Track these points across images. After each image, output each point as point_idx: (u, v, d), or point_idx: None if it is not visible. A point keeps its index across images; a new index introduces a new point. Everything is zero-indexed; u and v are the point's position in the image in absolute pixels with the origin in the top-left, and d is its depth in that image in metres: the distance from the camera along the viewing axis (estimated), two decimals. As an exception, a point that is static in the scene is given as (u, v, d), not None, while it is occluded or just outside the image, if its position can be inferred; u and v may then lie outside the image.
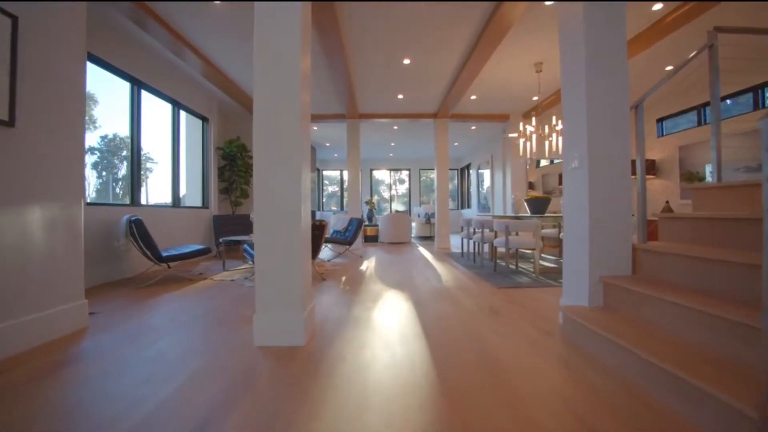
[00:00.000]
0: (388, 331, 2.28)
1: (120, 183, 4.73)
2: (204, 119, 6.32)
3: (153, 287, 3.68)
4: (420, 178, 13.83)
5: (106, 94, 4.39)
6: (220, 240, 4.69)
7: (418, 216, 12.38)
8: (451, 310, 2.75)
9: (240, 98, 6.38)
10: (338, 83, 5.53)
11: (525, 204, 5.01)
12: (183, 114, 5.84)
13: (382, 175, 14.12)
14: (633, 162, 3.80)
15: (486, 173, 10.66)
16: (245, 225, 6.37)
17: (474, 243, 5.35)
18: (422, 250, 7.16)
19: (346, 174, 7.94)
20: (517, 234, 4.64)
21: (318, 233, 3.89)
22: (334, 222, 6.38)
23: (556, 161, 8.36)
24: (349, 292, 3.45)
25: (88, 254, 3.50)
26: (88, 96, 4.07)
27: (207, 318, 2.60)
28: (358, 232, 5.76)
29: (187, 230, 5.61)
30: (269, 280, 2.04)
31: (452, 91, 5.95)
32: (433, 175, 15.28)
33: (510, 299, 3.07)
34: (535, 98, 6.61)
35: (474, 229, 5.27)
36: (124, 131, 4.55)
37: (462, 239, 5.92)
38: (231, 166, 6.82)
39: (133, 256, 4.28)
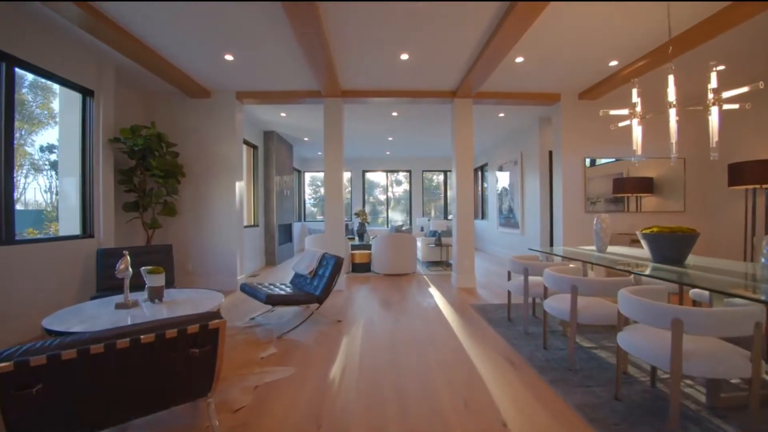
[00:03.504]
0: None
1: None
2: (86, 93, 3.89)
3: None
4: (423, 181, 11.44)
5: None
6: (43, 324, 2.26)
7: (422, 230, 10.04)
8: None
9: (154, 65, 3.99)
10: (302, 31, 3.13)
11: (643, 241, 2.65)
12: (33, 79, 3.44)
13: (377, 177, 11.72)
14: None
15: (505, 176, 8.32)
16: (161, 264, 3.95)
17: (533, 302, 3.00)
18: (436, 294, 4.78)
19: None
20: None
21: (209, 344, 1.51)
22: (300, 258, 3.99)
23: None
24: None
25: None
26: None
27: None
28: (334, 279, 3.39)
29: (39, 281, 3.21)
30: None
31: (490, 47, 3.58)
32: (438, 177, 12.94)
33: None
34: (614, 63, 4.27)
35: (543, 285, 2.89)
36: None
37: (509, 291, 3.55)
38: (142, 166, 4.40)
39: None
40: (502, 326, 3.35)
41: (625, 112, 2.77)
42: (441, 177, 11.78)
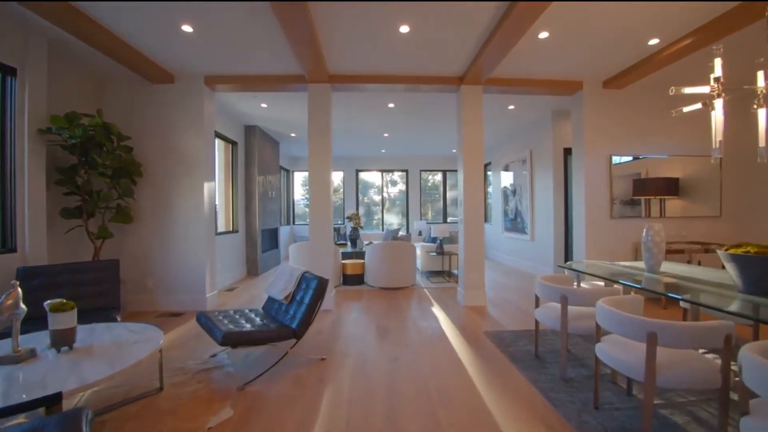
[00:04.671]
0: None
1: None
2: (5, 71, 3.10)
3: None
4: (420, 181, 10.71)
5: None
6: None
7: (420, 234, 9.33)
8: None
9: (97, 39, 3.23)
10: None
11: (728, 263, 1.96)
12: None
13: (371, 177, 10.96)
14: None
15: (511, 176, 7.64)
16: (104, 283, 3.19)
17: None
18: (441, 316, 4.06)
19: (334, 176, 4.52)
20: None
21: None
22: (275, 277, 3.24)
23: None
24: None
25: None
26: None
27: None
28: (316, 307, 2.66)
29: None
30: None
31: (511, 16, 2.87)
32: (435, 177, 12.18)
33: None
34: (654, 42, 3.57)
35: (595, 323, 2.17)
36: None
37: (536, 321, 2.83)
38: (86, 163, 3.61)
39: None
40: (529, 367, 2.63)
41: (705, 89, 2.07)
42: (439, 177, 11.06)
